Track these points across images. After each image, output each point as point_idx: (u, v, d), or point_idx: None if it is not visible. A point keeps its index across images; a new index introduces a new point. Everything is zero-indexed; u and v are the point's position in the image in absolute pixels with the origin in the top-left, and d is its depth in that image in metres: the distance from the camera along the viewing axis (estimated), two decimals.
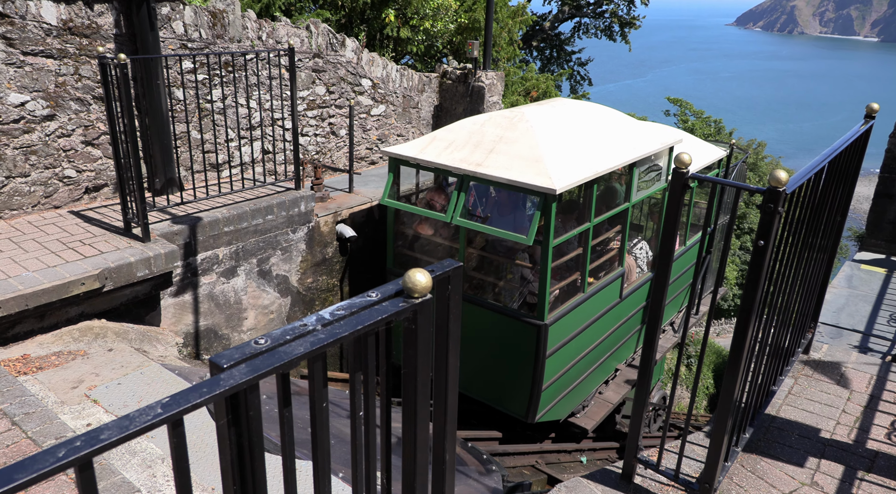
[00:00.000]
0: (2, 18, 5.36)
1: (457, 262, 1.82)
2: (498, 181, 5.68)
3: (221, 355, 1.26)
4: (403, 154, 6.39)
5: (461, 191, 5.96)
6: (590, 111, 7.09)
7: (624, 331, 7.52)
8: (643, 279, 7.55)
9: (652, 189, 7.07)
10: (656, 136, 7.03)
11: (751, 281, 2.39)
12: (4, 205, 5.68)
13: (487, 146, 6.04)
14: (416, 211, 6.51)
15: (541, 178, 5.47)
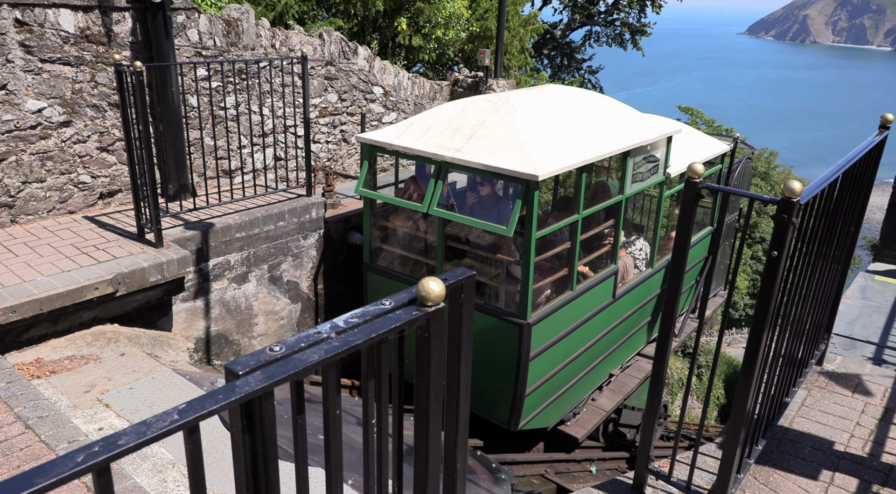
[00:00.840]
0: (21, 26, 5.45)
1: (469, 271, 1.83)
2: (476, 167, 5.30)
3: (237, 362, 1.27)
4: (378, 140, 5.97)
5: (438, 179, 5.54)
6: (582, 97, 6.64)
7: (618, 334, 7.11)
8: (639, 278, 7.11)
9: (648, 182, 6.62)
10: (653, 126, 6.59)
11: (764, 292, 2.38)
12: (20, 210, 5.75)
13: (468, 131, 5.62)
14: (390, 200, 6.11)
15: (522, 164, 5.07)
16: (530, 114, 5.74)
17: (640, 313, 7.44)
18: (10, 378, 3.41)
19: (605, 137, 5.92)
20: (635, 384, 7.40)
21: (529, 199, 5.14)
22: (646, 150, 6.42)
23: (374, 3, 10.40)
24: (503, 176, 5.22)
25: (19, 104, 5.56)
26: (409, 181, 6.49)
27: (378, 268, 6.51)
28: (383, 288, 6.47)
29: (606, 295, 6.57)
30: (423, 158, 5.71)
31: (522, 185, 5.09)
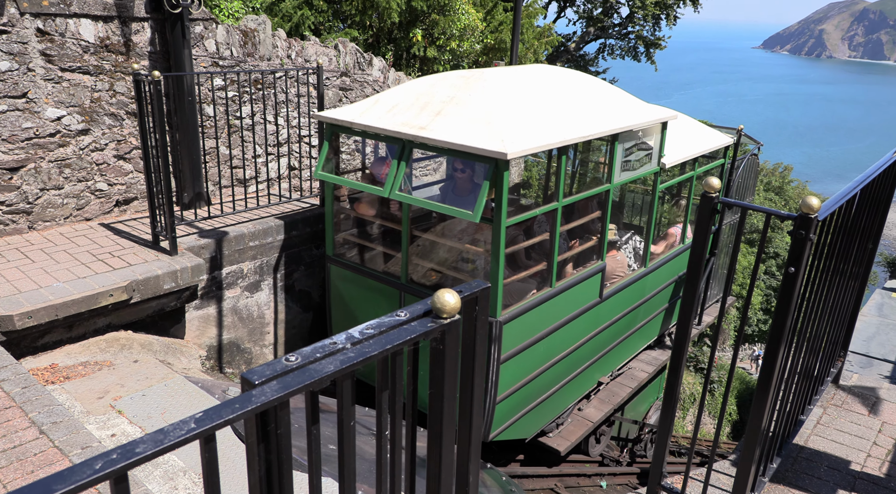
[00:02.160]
0: (42, 36, 5.54)
1: (485, 283, 1.83)
2: (441, 146, 4.82)
3: (253, 371, 1.28)
4: (338, 118, 5.48)
5: (401, 160, 5.06)
6: (569, 76, 6.11)
7: (607, 338, 6.56)
8: (630, 278, 6.57)
9: (640, 171, 6.11)
10: (646, 110, 6.12)
11: (781, 308, 2.35)
12: (38, 217, 5.82)
13: (435, 108, 5.12)
14: (350, 184, 5.66)
15: (490, 141, 4.59)
16: (506, 90, 5.25)
17: (633, 316, 6.93)
18: (25, 383, 3.44)
19: (590, 118, 5.43)
20: (627, 393, 6.92)
21: (498, 181, 4.62)
22: (637, 136, 5.88)
23: (390, 15, 10.49)
24: (469, 154, 4.73)
25: (39, 112, 5.65)
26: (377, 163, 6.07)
27: (341, 261, 6.07)
28: (348, 283, 6.05)
29: (592, 294, 6.04)
30: (386, 137, 5.23)
31: (490, 165, 4.59)
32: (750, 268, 23.76)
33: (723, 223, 8.02)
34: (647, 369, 7.35)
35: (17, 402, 3.28)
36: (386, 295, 5.72)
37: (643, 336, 7.44)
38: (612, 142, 5.59)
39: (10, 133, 5.49)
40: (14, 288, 4.63)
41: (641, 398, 8.34)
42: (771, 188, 31.75)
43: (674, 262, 7.39)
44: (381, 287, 5.74)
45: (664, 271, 7.21)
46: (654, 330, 7.64)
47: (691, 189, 7.41)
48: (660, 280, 7.15)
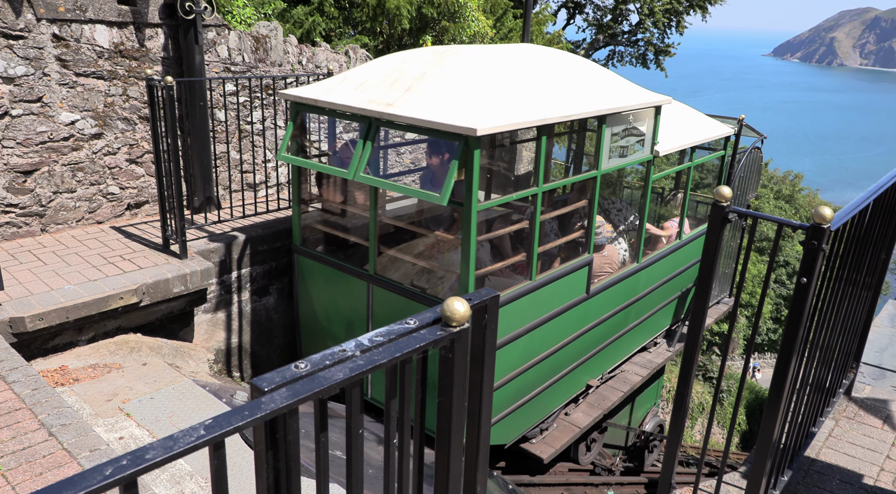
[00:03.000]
0: (58, 41, 5.60)
1: (493, 291, 1.82)
2: (408, 123, 4.49)
3: (262, 378, 1.28)
4: (302, 95, 5.18)
5: (367, 140, 4.74)
6: (555, 56, 5.75)
7: (596, 338, 6.15)
8: (620, 274, 6.12)
9: (631, 159, 5.77)
10: (638, 93, 5.75)
11: (792, 318, 2.34)
12: (51, 220, 5.87)
13: (406, 84, 4.80)
14: (312, 165, 5.31)
15: (459, 117, 4.25)
16: (483, 67, 4.92)
17: (624, 315, 6.50)
18: (35, 385, 3.46)
19: (575, 98, 5.09)
20: (618, 397, 6.53)
21: (469, 160, 4.25)
22: (627, 120, 5.51)
23: (400, 22, 10.54)
24: (437, 132, 4.38)
25: (53, 116, 5.70)
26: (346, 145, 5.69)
27: (309, 252, 5.71)
28: (315, 275, 5.69)
29: (578, 290, 5.64)
30: (352, 116, 4.91)
31: (460, 143, 4.23)
32: (759, 277, 23.60)
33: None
34: (640, 372, 6.94)
35: (27, 404, 3.30)
36: (353, 288, 5.34)
37: (636, 337, 7.00)
38: (600, 125, 5.22)
39: (24, 137, 5.55)
40: (26, 291, 4.66)
41: (637, 404, 8.11)
42: (781, 196, 31.60)
43: (670, 259, 6.93)
44: (348, 279, 5.36)
45: (659, 268, 6.78)
46: (649, 331, 7.24)
47: (688, 181, 7.06)
48: (654, 277, 6.74)
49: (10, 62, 5.35)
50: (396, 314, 5.01)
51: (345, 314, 5.58)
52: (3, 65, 5.32)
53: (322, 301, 5.76)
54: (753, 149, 7.81)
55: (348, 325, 5.58)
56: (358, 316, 5.42)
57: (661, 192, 8.30)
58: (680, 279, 7.28)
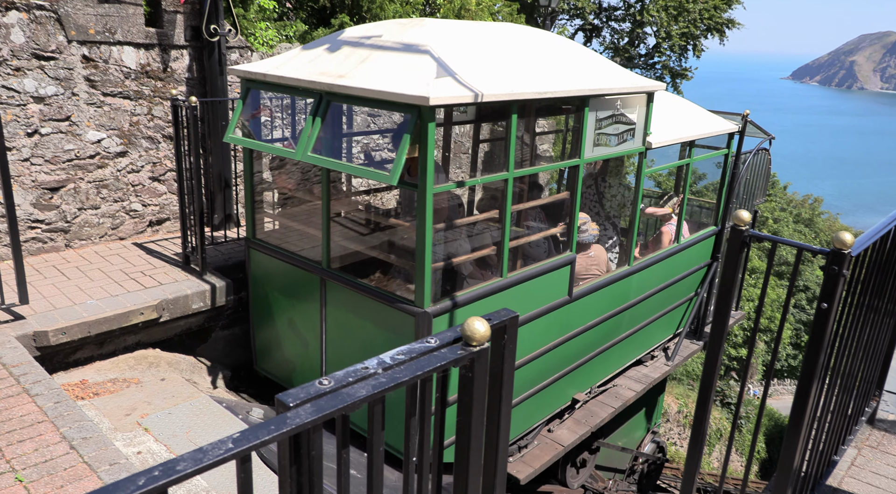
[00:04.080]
0: (87, 62, 5.76)
1: (512, 312, 1.84)
2: (359, 95, 4.02)
3: (288, 394, 1.30)
4: (252, 70, 4.77)
5: (316, 116, 4.26)
6: (537, 34, 5.28)
7: (582, 347, 5.61)
8: (608, 278, 5.58)
9: (620, 149, 5.27)
10: (628, 75, 5.29)
11: (813, 345, 2.32)
12: (75, 236, 5.98)
13: (362, 55, 4.35)
14: (259, 146, 4.82)
15: (412, 85, 3.77)
16: (450, 39, 4.42)
17: (614, 324, 5.93)
18: (57, 398, 3.52)
19: (554, 76, 4.62)
20: (609, 414, 5.94)
21: (422, 134, 3.75)
22: (614, 106, 5.01)
23: None
24: (387, 103, 3.91)
25: (81, 135, 5.84)
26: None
27: (261, 244, 5.21)
28: (270, 272, 5.19)
29: (558, 291, 5.11)
30: (301, 90, 4.46)
31: (412, 114, 3.76)
32: (777, 301, 23.30)
33: (726, 225, 6.98)
34: (635, 387, 6.36)
35: (49, 417, 3.35)
36: (305, 284, 4.87)
37: (630, 348, 6.42)
38: (582, 107, 4.74)
39: (52, 154, 5.69)
40: (50, 305, 4.75)
41: (634, 423, 7.69)
42: (801, 220, 31.30)
43: (667, 264, 6.37)
44: (300, 273, 4.89)
45: (654, 274, 6.23)
46: (645, 343, 6.69)
47: (687, 179, 6.55)
48: (649, 283, 6.21)
49: (41, 82, 5.51)
50: (350, 310, 4.56)
51: (298, 312, 5.04)
52: (34, 85, 5.48)
53: (275, 300, 5.24)
54: (760, 150, 7.27)
55: (302, 324, 5.02)
56: (311, 314, 4.87)
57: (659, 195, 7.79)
58: (679, 287, 6.75)
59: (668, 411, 15.03)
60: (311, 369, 5.06)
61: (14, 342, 4.14)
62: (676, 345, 7.00)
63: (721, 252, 7.11)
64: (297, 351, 5.16)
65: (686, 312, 7.13)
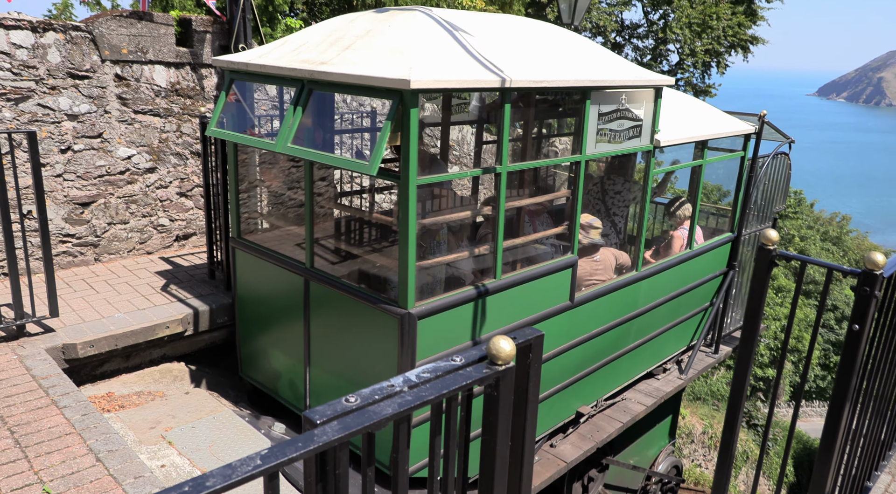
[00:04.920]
0: (120, 81, 5.91)
1: (538, 331, 1.84)
2: (340, 81, 3.81)
3: (315, 411, 1.31)
4: (234, 60, 4.58)
5: (297, 105, 4.07)
6: (538, 25, 5.05)
7: (585, 357, 5.30)
8: (614, 284, 5.29)
9: (625, 146, 4.99)
10: (631, 68, 5.03)
11: (844, 367, 2.27)
12: (104, 250, 6.10)
13: (347, 42, 4.15)
14: (241, 139, 4.56)
15: (393, 69, 3.56)
16: (440, 26, 4.19)
17: (622, 333, 5.63)
18: (84, 410, 3.57)
19: (553, 65, 4.39)
20: (616, 429, 5.62)
21: (404, 121, 3.54)
22: (618, 99, 4.77)
23: None
24: (367, 89, 3.72)
25: (112, 151, 5.98)
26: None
27: (245, 243, 4.96)
28: (255, 273, 4.95)
29: (558, 296, 4.86)
30: (283, 79, 4.28)
31: (394, 99, 3.54)
32: (805, 321, 22.84)
33: (742, 232, 6.68)
34: (645, 401, 6.04)
35: (76, 429, 3.40)
36: (289, 285, 4.63)
37: (639, 360, 6.10)
38: (583, 99, 4.50)
39: (84, 170, 5.82)
40: (79, 318, 4.84)
41: (647, 440, 7.36)
42: (828, 238, 30.77)
43: (679, 271, 6.04)
44: (284, 274, 4.66)
45: (665, 281, 5.90)
46: (656, 355, 6.38)
47: (700, 182, 6.18)
48: (658, 290, 5.89)
49: (75, 100, 5.67)
50: (334, 312, 4.32)
51: (283, 314, 4.81)
52: (68, 103, 5.63)
53: (260, 302, 5.01)
54: (780, 154, 6.90)
55: (286, 328, 4.77)
56: (295, 317, 4.62)
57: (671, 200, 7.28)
58: (692, 296, 6.42)
59: (693, 432, 14.75)
60: (295, 375, 4.73)
61: (44, 354, 4.22)
62: (690, 358, 6.66)
63: (738, 260, 6.76)
64: (281, 357, 4.87)
65: (701, 323, 6.82)
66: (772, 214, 7.22)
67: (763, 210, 6.99)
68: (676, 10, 19.35)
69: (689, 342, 6.79)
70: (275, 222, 5.26)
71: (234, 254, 5.07)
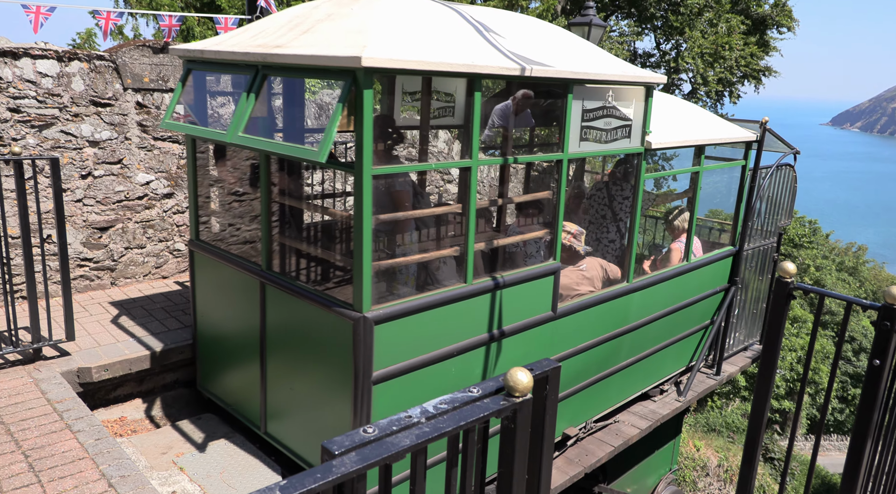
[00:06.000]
0: (141, 108, 6.04)
1: (555, 362, 1.83)
2: (291, 64, 3.58)
3: (333, 442, 1.31)
4: (190, 48, 4.34)
5: (251, 92, 3.81)
6: (522, 19, 4.76)
7: (571, 374, 4.95)
8: (601, 295, 4.94)
9: (613, 147, 4.70)
10: (619, 64, 4.78)
11: (865, 402, 2.24)
12: (120, 274, 6.16)
13: (306, 27, 3.88)
14: (187, 129, 4.32)
15: (346, 48, 3.29)
16: (411, 10, 3.91)
17: (611, 349, 5.25)
18: (98, 435, 3.57)
19: (532, 55, 4.11)
20: (607, 453, 5.26)
21: (357, 104, 3.25)
22: (604, 96, 4.50)
23: None
24: (320, 70, 3.47)
25: (131, 177, 6.08)
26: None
27: (203, 245, 4.69)
28: (212, 276, 4.66)
29: (539, 305, 4.50)
30: (237, 65, 4.02)
31: (346, 80, 3.24)
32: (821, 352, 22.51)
33: (745, 246, 6.39)
34: (639, 424, 5.68)
35: (89, 453, 3.40)
36: (245, 289, 4.32)
37: (632, 379, 5.73)
38: (565, 94, 4.21)
39: (103, 195, 5.92)
40: (94, 342, 4.87)
41: (646, 467, 7.06)
42: (844, 268, 30.45)
43: (673, 285, 5.71)
44: (240, 277, 4.35)
45: (659, 294, 5.58)
46: (651, 375, 6.01)
47: (697, 190, 5.82)
48: (652, 305, 5.56)
49: (97, 127, 5.79)
50: (289, 317, 4.02)
51: (239, 320, 4.50)
52: (90, 129, 5.75)
53: (218, 304, 4.73)
54: (784, 165, 6.58)
55: (242, 332, 4.47)
56: (251, 323, 4.32)
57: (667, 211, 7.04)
58: (691, 312, 6.09)
59: (708, 465, 14.47)
60: (251, 388, 4.40)
61: (59, 378, 4.25)
62: (689, 379, 6.28)
63: (740, 276, 6.46)
64: (238, 368, 4.55)
65: (701, 342, 6.47)
66: (776, 229, 6.91)
67: (767, 223, 6.68)
68: (688, 40, 19.52)
69: (689, 362, 6.46)
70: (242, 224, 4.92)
71: (192, 258, 4.82)
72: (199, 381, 5.03)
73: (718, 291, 6.40)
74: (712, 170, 6.27)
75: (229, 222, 4.87)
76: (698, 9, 19.28)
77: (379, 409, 3.66)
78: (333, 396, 3.71)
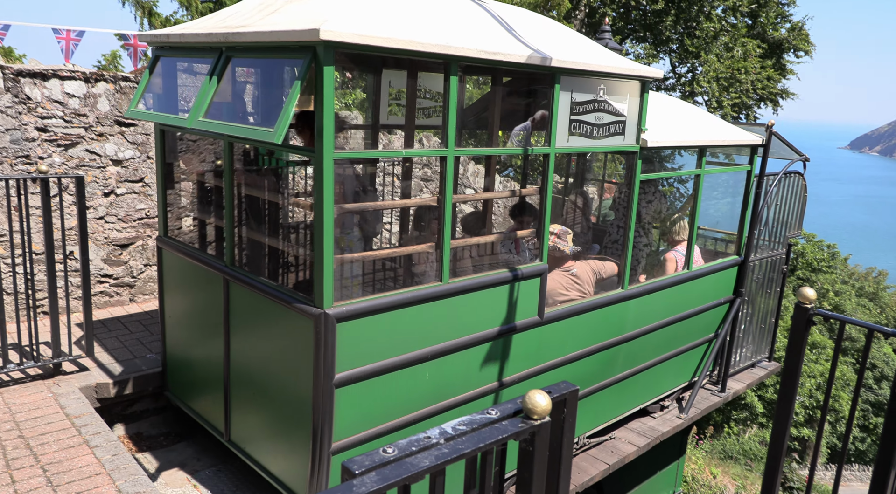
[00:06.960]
0: None
1: (573, 385, 1.83)
2: (251, 42, 3.41)
3: (353, 461, 1.33)
4: (157, 33, 4.16)
5: (213, 75, 3.60)
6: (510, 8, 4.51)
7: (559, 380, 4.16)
8: (591, 302, 4.69)
9: (605, 143, 4.48)
10: (611, 56, 4.54)
11: (889, 432, 2.21)
12: (139, 290, 6.24)
13: (274, 8, 3.71)
14: (149, 117, 4.16)
15: (306, 23, 3.12)
16: None
17: (606, 360, 4.97)
18: (115, 450, 3.60)
19: (518, 43, 3.89)
20: (600, 472, 4.99)
21: (318, 81, 3.04)
22: (596, 89, 4.29)
23: None
24: (279, 48, 3.28)
25: (152, 195, 6.18)
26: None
27: (170, 242, 4.50)
28: (179, 274, 4.48)
29: (524, 309, 4.23)
30: (201, 48, 3.82)
31: (305, 58, 3.04)
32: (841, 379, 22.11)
33: (750, 257, 6.10)
34: (637, 442, 5.42)
35: (106, 469, 3.43)
36: (209, 285, 4.11)
37: (629, 393, 5.45)
38: (552, 84, 3.98)
39: (125, 213, 6.02)
40: (112, 358, 4.92)
41: (648, 489, 6.80)
42: (864, 294, 29.99)
43: (673, 294, 5.46)
44: (204, 273, 4.15)
45: (657, 303, 5.32)
46: (650, 389, 5.73)
47: (697, 195, 5.55)
48: (650, 315, 5.29)
49: (120, 147, 5.91)
50: (252, 315, 3.80)
51: (204, 320, 4.29)
52: (114, 149, 5.87)
53: (185, 304, 4.54)
54: (794, 174, 6.31)
55: (207, 333, 4.26)
56: (215, 322, 4.10)
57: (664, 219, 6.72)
58: (693, 324, 5.80)
59: (726, 493, 14.20)
60: (215, 393, 4.17)
61: (78, 393, 4.29)
62: (692, 395, 5.97)
63: (746, 287, 6.17)
64: (202, 370, 4.34)
65: (704, 356, 6.17)
66: (786, 239, 6.59)
67: (776, 233, 6.41)
68: (704, 64, 19.57)
69: (691, 377, 6.17)
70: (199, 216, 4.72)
71: (160, 256, 4.61)
72: (167, 387, 4.77)
73: (722, 303, 6.10)
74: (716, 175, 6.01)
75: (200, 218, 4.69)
76: (714, 33, 19.35)
77: (343, 414, 3.41)
78: (294, 400, 3.50)
